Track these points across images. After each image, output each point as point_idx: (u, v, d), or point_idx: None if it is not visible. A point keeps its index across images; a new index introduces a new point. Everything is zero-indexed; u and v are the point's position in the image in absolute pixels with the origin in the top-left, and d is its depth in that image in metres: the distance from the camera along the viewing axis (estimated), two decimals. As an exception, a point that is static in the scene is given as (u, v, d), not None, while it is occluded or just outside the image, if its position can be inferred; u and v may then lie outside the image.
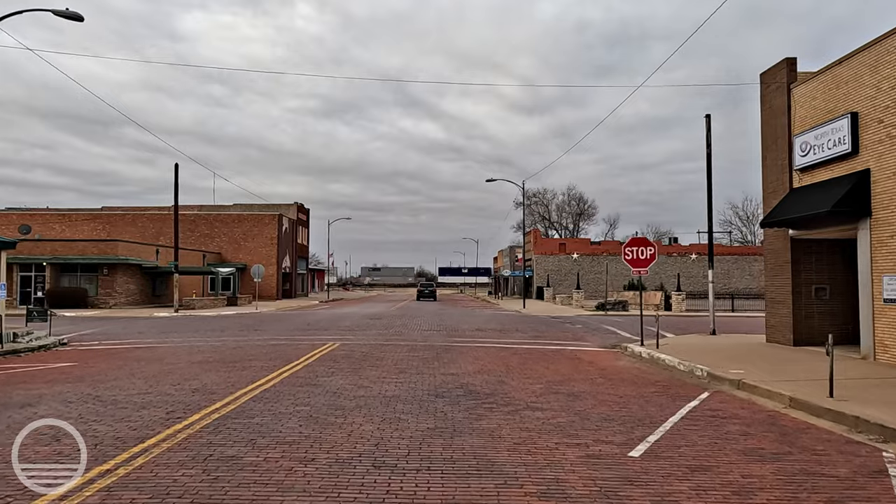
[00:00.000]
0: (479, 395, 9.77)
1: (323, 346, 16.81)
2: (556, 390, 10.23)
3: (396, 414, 8.27)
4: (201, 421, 7.78)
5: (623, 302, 39.01)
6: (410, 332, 22.26)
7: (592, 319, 30.92)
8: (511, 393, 9.94)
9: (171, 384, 10.70)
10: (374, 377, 11.53)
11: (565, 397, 9.59)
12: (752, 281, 62.34)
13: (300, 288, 72.00)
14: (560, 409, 8.68)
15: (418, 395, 9.66)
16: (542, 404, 8.99)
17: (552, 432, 7.28)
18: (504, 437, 7.02)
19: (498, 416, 8.19)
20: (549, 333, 22.26)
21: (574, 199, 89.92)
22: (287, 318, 30.94)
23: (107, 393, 9.89)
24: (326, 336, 20.26)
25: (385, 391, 10.03)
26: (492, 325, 25.75)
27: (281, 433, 7.15)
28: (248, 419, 7.88)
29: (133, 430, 7.33)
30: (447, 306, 48.97)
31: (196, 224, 59.27)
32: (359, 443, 6.75)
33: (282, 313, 36.43)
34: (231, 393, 9.78)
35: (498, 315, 35.30)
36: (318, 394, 9.73)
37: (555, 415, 8.27)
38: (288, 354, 15.02)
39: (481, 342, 18.76)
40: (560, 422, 7.85)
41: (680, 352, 15.25)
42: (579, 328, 24.87)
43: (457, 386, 10.57)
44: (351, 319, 28.98)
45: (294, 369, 12.53)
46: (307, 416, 8.05)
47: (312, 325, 24.86)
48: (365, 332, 22.06)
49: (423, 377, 11.57)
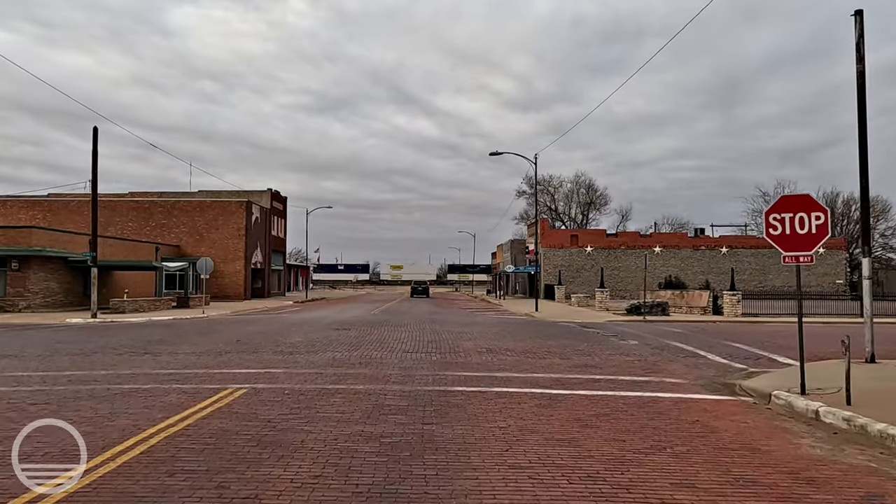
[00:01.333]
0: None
1: (205, 403, 8.89)
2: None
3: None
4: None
5: (662, 304, 31.21)
6: (385, 355, 14.37)
7: (636, 329, 23.08)
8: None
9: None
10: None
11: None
12: (790, 277, 54.57)
13: (276, 286, 63.98)
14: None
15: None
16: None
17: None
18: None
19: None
20: (596, 355, 14.42)
21: (583, 187, 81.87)
22: (226, 327, 22.98)
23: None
24: (244, 367, 12.36)
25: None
26: (505, 341, 17.89)
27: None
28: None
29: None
30: (442, 308, 41.07)
31: (151, 212, 51.23)
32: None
33: (231, 318, 28.46)
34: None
35: (506, 321, 27.45)
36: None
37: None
38: (97, 430, 7.15)
39: (501, 382, 10.90)
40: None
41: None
42: (634, 344, 17.04)
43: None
44: (310, 330, 21.08)
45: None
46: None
47: (244, 342, 16.93)
48: (315, 354, 14.18)
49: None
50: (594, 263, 55.08)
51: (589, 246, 55.30)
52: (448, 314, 32.66)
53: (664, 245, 55.43)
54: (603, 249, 55.55)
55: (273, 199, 60.44)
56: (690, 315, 31.52)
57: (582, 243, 55.55)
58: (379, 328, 21.76)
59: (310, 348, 15.38)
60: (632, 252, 55.37)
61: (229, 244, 50.98)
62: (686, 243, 54.18)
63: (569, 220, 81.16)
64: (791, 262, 9.62)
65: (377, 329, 21.47)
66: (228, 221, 51.12)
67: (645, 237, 56.83)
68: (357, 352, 14.75)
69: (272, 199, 60.13)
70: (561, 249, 55.05)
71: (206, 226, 51.05)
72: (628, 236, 56.69)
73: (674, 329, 22.79)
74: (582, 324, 25.63)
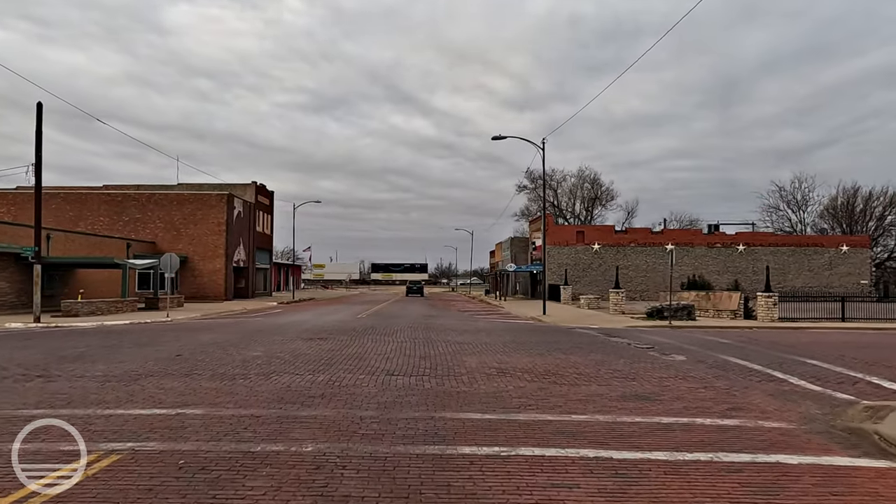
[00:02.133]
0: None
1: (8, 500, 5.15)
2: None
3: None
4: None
5: (688, 307, 27.53)
6: (361, 380, 10.65)
7: (668, 337, 19.37)
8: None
9: None
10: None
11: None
12: (811, 278, 51.15)
13: (261, 286, 60.17)
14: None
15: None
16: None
17: None
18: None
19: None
20: (644, 380, 10.71)
21: (587, 182, 77.98)
22: (178, 335, 19.23)
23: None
24: (153, 403, 8.64)
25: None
26: (518, 355, 14.19)
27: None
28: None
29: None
30: (438, 310, 37.37)
31: (124, 206, 47.38)
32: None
33: (194, 324, 24.71)
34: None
35: (513, 327, 23.77)
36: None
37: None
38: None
39: (527, 432, 7.19)
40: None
41: None
42: (681, 361, 13.36)
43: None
44: (276, 340, 17.35)
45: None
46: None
47: (185, 358, 13.20)
48: (266, 380, 10.47)
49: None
50: (602, 262, 51.39)
51: (596, 243, 51.58)
52: (445, 318, 28.96)
53: (677, 242, 51.74)
54: (611, 247, 51.84)
55: (258, 192, 56.61)
56: (720, 319, 27.88)
57: (589, 240, 51.81)
58: (362, 337, 18.03)
59: (264, 369, 11.65)
60: (642, 250, 51.68)
61: (209, 240, 47.18)
62: (700, 240, 50.56)
63: (572, 217, 77.40)
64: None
65: (360, 339, 17.75)
66: (208, 216, 47.31)
67: (656, 234, 53.14)
68: (325, 375, 11.03)
69: (257, 193, 56.30)
70: (566, 247, 51.32)
71: (183, 220, 47.23)
72: (638, 233, 52.91)
73: (715, 338, 19.09)
74: (602, 331, 21.96)
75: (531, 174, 78.01)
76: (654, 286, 50.92)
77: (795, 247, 52.59)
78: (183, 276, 46.89)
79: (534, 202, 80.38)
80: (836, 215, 66.59)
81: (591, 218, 76.66)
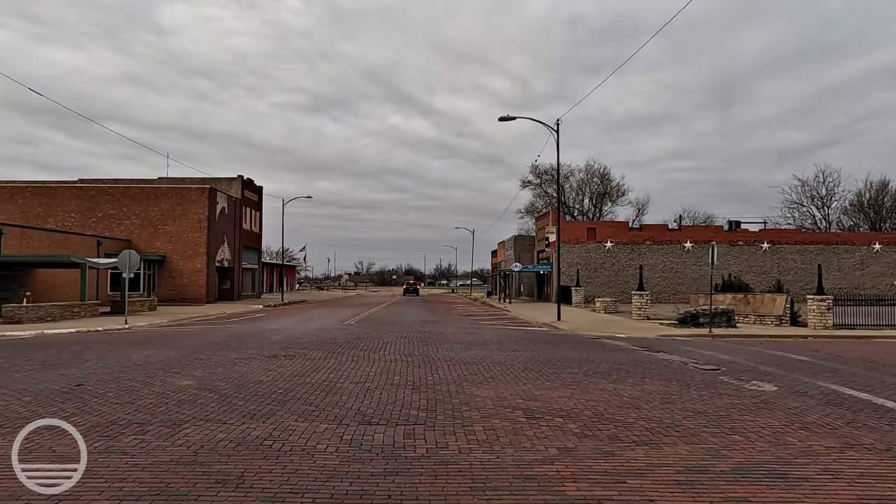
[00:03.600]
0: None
1: None
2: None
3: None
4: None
5: (727, 312, 23.76)
6: (319, 434, 6.91)
7: (720, 350, 15.57)
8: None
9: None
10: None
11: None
12: (840, 278, 47.32)
13: (250, 287, 56.44)
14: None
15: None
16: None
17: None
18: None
19: None
20: (749, 430, 6.95)
21: (596, 176, 73.98)
22: (109, 351, 15.45)
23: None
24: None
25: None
26: (547, 383, 10.45)
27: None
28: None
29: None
30: (437, 315, 33.62)
31: (97, 201, 43.62)
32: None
33: (147, 334, 20.96)
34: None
35: (528, 337, 20.00)
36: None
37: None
38: None
39: None
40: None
41: None
42: (773, 392, 9.61)
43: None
44: (228, 359, 13.60)
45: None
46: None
47: (85, 390, 9.48)
48: (161, 445, 6.72)
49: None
50: (615, 261, 47.58)
51: (609, 241, 47.72)
52: (445, 325, 25.21)
53: (696, 240, 47.96)
54: (625, 245, 47.97)
55: (245, 187, 52.83)
56: (763, 326, 24.16)
57: (601, 237, 47.95)
58: (340, 354, 14.25)
59: (179, 412, 7.91)
60: (658, 248, 47.84)
61: (188, 238, 43.43)
62: (721, 238, 46.70)
63: (580, 214, 73.55)
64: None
65: (338, 355, 14.00)
66: (188, 211, 43.55)
67: (673, 231, 49.32)
68: (265, 425, 7.28)
69: (243, 188, 52.53)
70: (576, 244, 47.46)
71: (161, 216, 43.48)
72: (654, 230, 49.02)
73: (779, 352, 15.31)
74: (635, 342, 18.21)
75: (536, 169, 74.34)
76: (673, 287, 47.17)
77: (824, 245, 48.74)
78: (161, 277, 43.21)
79: (539, 198, 76.67)
80: (862, 210, 62.80)
81: (599, 214, 72.86)
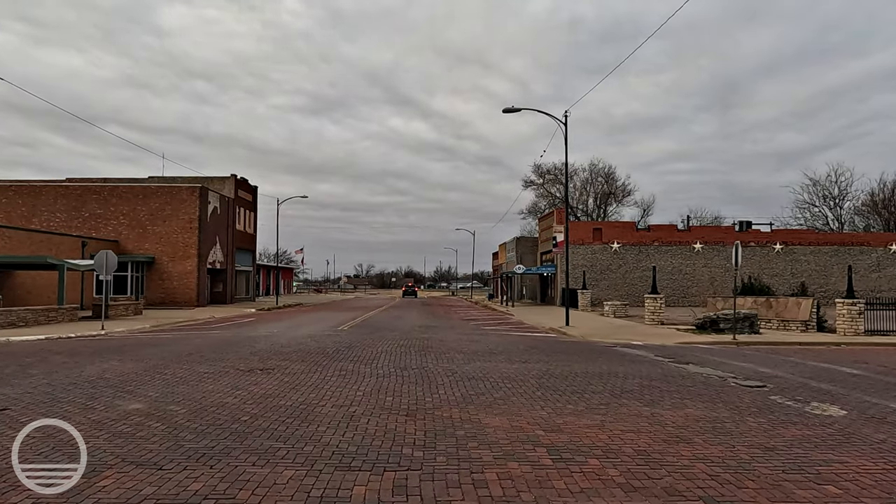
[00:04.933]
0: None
1: None
2: None
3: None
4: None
5: (750, 318, 22.02)
6: (274, 498, 5.17)
7: (757, 361, 13.82)
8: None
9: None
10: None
11: None
12: (856, 280, 45.39)
13: (243, 290, 54.72)
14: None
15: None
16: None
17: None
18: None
19: None
20: (849, 481, 5.24)
21: (601, 176, 72.20)
22: (59, 363, 13.70)
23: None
24: None
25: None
26: (571, 412, 8.74)
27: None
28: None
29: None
30: (438, 320, 31.88)
31: (84, 200, 41.93)
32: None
33: (121, 340, 19.22)
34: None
35: (537, 346, 18.24)
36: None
37: None
38: None
39: None
40: None
41: None
42: (844, 418, 7.89)
43: None
44: (198, 373, 11.89)
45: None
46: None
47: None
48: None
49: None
50: (622, 263, 45.81)
51: (615, 242, 45.95)
52: (446, 331, 23.47)
53: (706, 241, 46.21)
54: (632, 246, 46.21)
55: (238, 187, 51.13)
56: (788, 332, 22.42)
57: (607, 238, 46.20)
58: (326, 367, 12.52)
59: (97, 457, 6.19)
60: (667, 249, 46.07)
61: (178, 239, 41.73)
62: (732, 239, 44.95)
63: (584, 214, 71.81)
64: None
65: (323, 369, 12.27)
66: (178, 211, 41.86)
67: (682, 231, 47.56)
68: (213, 472, 5.56)
69: (237, 188, 50.83)
70: (582, 246, 45.71)
71: (150, 216, 41.78)
72: (662, 230, 47.25)
73: (820, 363, 13.57)
74: (656, 350, 16.47)
75: (539, 168, 72.70)
76: (683, 290, 45.44)
77: (839, 245, 46.92)
78: (150, 280, 41.50)
79: (542, 198, 74.96)
80: (876, 211, 60.97)
81: (604, 215, 71.10)
